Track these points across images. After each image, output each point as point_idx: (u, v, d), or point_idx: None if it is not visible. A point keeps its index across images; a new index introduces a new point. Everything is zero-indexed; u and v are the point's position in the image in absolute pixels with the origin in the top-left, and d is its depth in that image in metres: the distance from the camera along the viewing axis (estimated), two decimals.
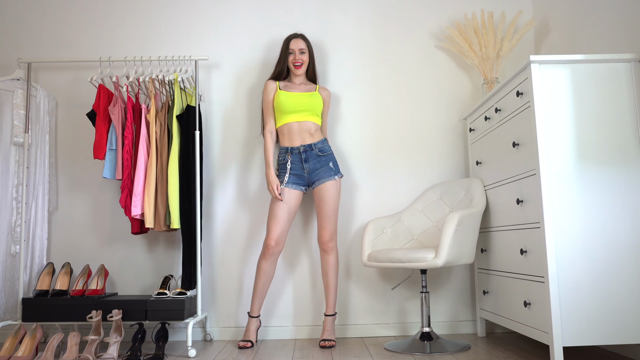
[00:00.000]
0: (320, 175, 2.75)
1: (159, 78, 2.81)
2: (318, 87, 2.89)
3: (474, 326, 2.95)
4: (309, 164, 2.75)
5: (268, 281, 2.74)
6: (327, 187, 2.73)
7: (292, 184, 2.74)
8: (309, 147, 2.76)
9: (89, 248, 3.04)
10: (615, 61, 2.11)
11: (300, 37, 2.86)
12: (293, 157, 2.76)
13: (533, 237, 2.13)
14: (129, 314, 2.59)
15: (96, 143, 2.74)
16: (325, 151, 2.78)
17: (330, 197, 2.73)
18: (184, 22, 3.20)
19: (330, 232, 2.73)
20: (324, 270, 2.75)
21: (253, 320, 2.75)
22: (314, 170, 2.75)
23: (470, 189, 2.75)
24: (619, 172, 2.06)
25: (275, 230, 2.69)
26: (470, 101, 3.12)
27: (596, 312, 1.99)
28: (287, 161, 2.76)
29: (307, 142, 2.77)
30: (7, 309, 2.82)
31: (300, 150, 2.76)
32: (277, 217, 2.70)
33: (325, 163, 2.76)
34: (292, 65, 2.83)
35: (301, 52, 2.84)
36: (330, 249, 2.73)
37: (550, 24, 2.95)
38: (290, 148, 2.77)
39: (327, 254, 2.74)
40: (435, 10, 3.19)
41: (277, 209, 2.70)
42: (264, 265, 2.71)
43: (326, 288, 2.75)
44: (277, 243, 2.69)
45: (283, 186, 2.72)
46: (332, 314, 2.75)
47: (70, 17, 3.21)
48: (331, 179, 2.74)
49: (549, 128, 2.08)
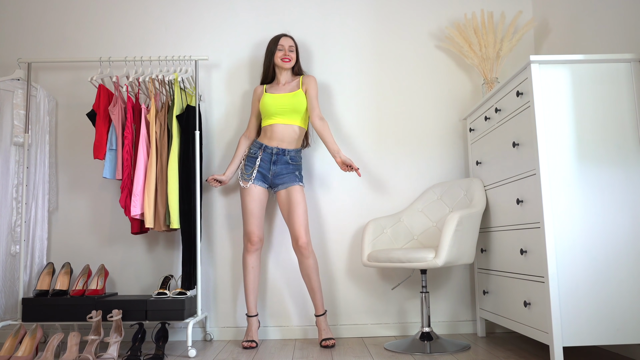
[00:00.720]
0: (284, 180, 2.76)
1: (159, 78, 2.81)
2: (302, 78, 2.86)
3: (474, 326, 2.96)
4: (277, 167, 2.76)
5: (258, 276, 2.77)
6: (295, 190, 2.73)
7: (258, 180, 2.77)
8: (282, 152, 2.77)
9: (89, 248, 3.04)
10: (615, 61, 2.11)
11: (289, 36, 2.90)
12: (264, 155, 2.77)
13: (533, 237, 2.13)
14: (129, 314, 2.60)
15: (96, 143, 2.74)
16: (296, 161, 2.80)
17: (299, 199, 2.72)
18: (184, 22, 3.20)
19: (304, 234, 2.69)
20: (306, 274, 2.71)
21: (253, 319, 2.76)
22: (279, 174, 2.76)
23: (470, 189, 2.75)
24: (619, 172, 2.06)
25: (253, 224, 2.73)
26: (470, 101, 3.12)
27: (596, 312, 1.99)
28: (258, 156, 2.77)
29: (283, 146, 2.78)
30: (7, 309, 2.82)
31: (272, 152, 2.77)
32: (253, 213, 2.73)
33: (292, 171, 2.78)
34: (280, 60, 2.84)
35: (290, 49, 2.87)
36: (309, 253, 2.69)
37: (550, 24, 2.95)
38: (264, 145, 2.78)
39: (306, 257, 2.69)
40: (435, 10, 3.19)
41: (250, 204, 2.74)
42: (251, 260, 2.74)
43: (311, 291, 2.72)
44: (259, 238, 2.74)
45: (251, 182, 2.75)
46: (323, 313, 2.74)
47: (70, 17, 3.21)
48: (297, 184, 2.75)
49: (549, 128, 2.08)
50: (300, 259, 2.72)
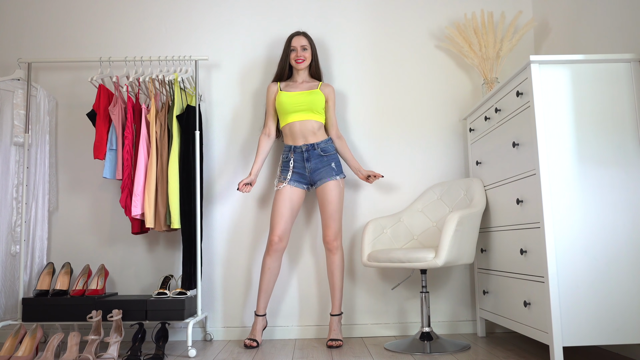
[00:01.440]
0: (322, 175, 2.75)
1: (159, 78, 2.81)
2: (321, 84, 2.88)
3: (474, 326, 2.96)
4: (311, 163, 2.76)
5: (273, 278, 2.75)
6: (330, 186, 2.74)
7: (294, 181, 2.76)
8: (311, 147, 2.77)
9: (89, 248, 3.04)
10: (615, 61, 2.11)
11: (302, 35, 2.87)
12: (295, 156, 2.78)
13: (533, 237, 2.13)
14: (129, 314, 2.60)
15: (96, 143, 2.74)
16: (328, 151, 2.79)
17: (333, 196, 2.73)
18: (184, 22, 3.20)
19: (334, 231, 2.73)
20: (330, 270, 2.75)
21: (259, 319, 2.75)
22: (315, 169, 2.76)
23: (470, 189, 2.75)
24: (619, 172, 2.06)
25: (279, 226, 2.70)
26: (470, 101, 3.12)
27: (596, 312, 1.99)
28: (290, 159, 2.78)
29: (310, 141, 2.78)
30: (7, 309, 2.82)
31: (303, 150, 2.77)
32: (280, 213, 2.71)
33: (328, 163, 2.77)
34: (294, 62, 2.84)
35: (303, 48, 2.84)
36: (335, 249, 2.74)
37: (550, 24, 2.95)
38: (293, 147, 2.79)
39: (332, 253, 2.74)
40: (435, 10, 3.19)
41: (280, 205, 2.72)
42: (269, 261, 2.72)
43: (332, 288, 2.74)
44: (280, 239, 2.71)
45: (285, 184, 2.74)
46: (338, 314, 2.74)
47: (70, 17, 3.21)
48: (332, 178, 2.75)
49: (549, 128, 2.08)
50: (327, 254, 2.76)
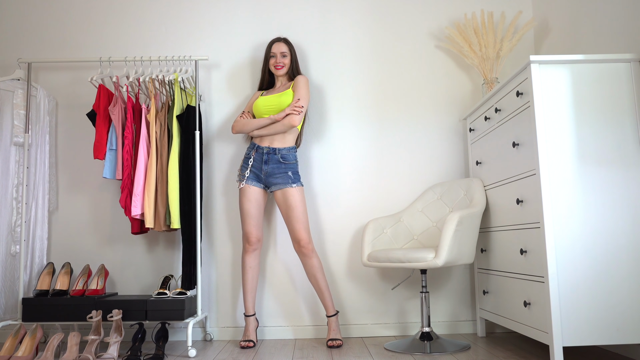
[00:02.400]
0: (277, 181, 2.74)
1: (159, 78, 2.81)
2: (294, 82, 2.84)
3: (474, 326, 2.96)
4: (268, 166, 2.75)
5: (256, 276, 2.77)
6: (290, 192, 2.72)
7: (252, 180, 2.76)
8: (272, 151, 2.76)
9: (89, 248, 3.04)
10: (615, 61, 2.11)
11: (282, 41, 2.89)
12: (256, 155, 2.78)
13: (533, 237, 2.13)
14: (129, 314, 2.60)
15: (96, 143, 2.74)
16: (288, 160, 2.77)
17: (296, 201, 2.71)
18: (184, 22, 3.20)
19: (305, 235, 2.70)
20: (311, 274, 2.72)
21: (250, 319, 2.76)
22: (271, 174, 2.75)
23: (470, 189, 2.75)
24: (618, 172, 2.06)
25: (251, 225, 2.73)
26: (470, 101, 3.12)
27: (596, 312, 1.99)
28: (250, 157, 2.79)
29: (274, 145, 2.77)
30: (7, 309, 2.82)
31: (264, 151, 2.77)
32: (248, 212, 2.73)
33: (284, 170, 2.75)
34: (273, 68, 2.87)
35: (282, 55, 2.87)
36: (310, 252, 2.71)
37: (550, 24, 2.95)
38: (257, 146, 2.79)
39: (309, 257, 2.71)
40: (435, 10, 3.19)
41: (247, 204, 2.74)
42: (249, 260, 2.75)
43: (319, 291, 2.73)
44: (257, 238, 2.74)
45: (244, 182, 2.75)
46: (334, 314, 2.74)
47: (70, 17, 3.21)
48: (289, 186, 2.73)
49: (549, 128, 2.08)
50: (303, 260, 2.73)
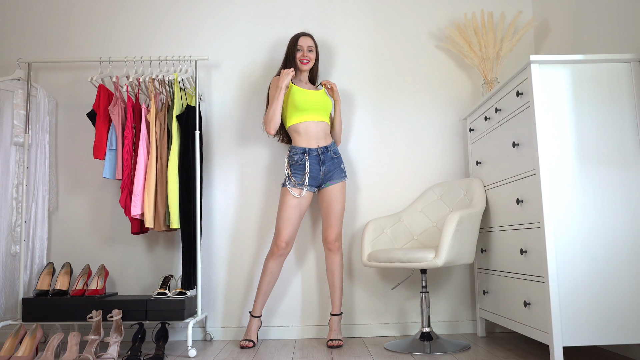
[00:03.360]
0: (333, 177, 2.76)
1: (159, 78, 2.81)
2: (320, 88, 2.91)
3: (474, 326, 2.96)
4: (325, 165, 2.75)
5: (274, 281, 2.75)
6: (338, 187, 2.76)
7: (309, 186, 2.73)
8: (325, 149, 2.77)
9: (89, 248, 3.04)
10: (615, 61, 2.11)
11: (309, 36, 2.87)
12: (311, 159, 2.73)
13: (533, 237, 2.13)
14: (129, 314, 2.60)
15: (96, 143, 2.74)
16: (338, 153, 2.82)
17: (341, 197, 2.76)
18: (184, 22, 3.20)
19: (337, 231, 2.75)
20: (330, 270, 2.75)
21: (255, 320, 2.75)
22: (328, 172, 2.76)
23: (470, 189, 2.75)
24: (618, 172, 2.06)
25: (286, 231, 2.69)
26: (470, 101, 3.12)
27: (596, 312, 1.99)
28: (305, 162, 2.72)
29: (322, 143, 2.77)
30: (7, 309, 2.82)
31: (319, 152, 2.75)
32: (289, 219, 2.69)
33: (338, 165, 2.79)
34: (299, 62, 2.83)
35: (309, 49, 2.85)
36: (336, 249, 2.75)
37: (550, 24, 2.95)
38: (308, 149, 2.74)
39: (334, 253, 2.74)
40: (435, 10, 3.19)
41: (290, 210, 2.69)
42: (272, 265, 2.72)
43: (332, 288, 2.75)
44: (287, 244, 2.70)
45: (306, 189, 2.70)
46: (339, 314, 2.75)
47: (70, 17, 3.21)
48: (342, 180, 2.77)
49: (549, 128, 2.08)
50: (327, 254, 2.76)
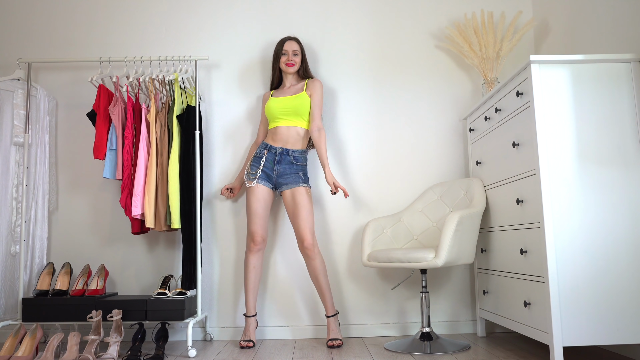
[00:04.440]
0: (288, 180, 2.76)
1: (159, 78, 2.81)
2: (307, 82, 2.88)
3: (474, 326, 2.96)
4: (280, 166, 2.77)
5: (259, 276, 2.77)
6: (299, 191, 2.74)
7: (262, 180, 2.77)
8: (286, 152, 2.78)
9: (89, 248, 3.04)
10: (615, 61, 2.11)
11: (293, 39, 2.90)
12: (268, 155, 2.79)
13: (533, 237, 2.13)
14: (129, 314, 2.60)
15: (96, 143, 2.74)
16: (300, 161, 2.80)
17: (304, 200, 2.73)
18: (184, 22, 3.20)
19: (310, 236, 2.70)
20: (313, 276, 2.72)
21: (251, 319, 2.76)
22: (282, 174, 2.77)
23: (470, 189, 2.75)
24: (618, 172, 2.06)
25: (257, 224, 2.73)
26: (470, 101, 3.12)
27: (596, 312, 1.99)
28: (263, 156, 2.79)
29: (287, 146, 2.80)
30: (7, 309, 2.82)
31: (277, 152, 2.78)
32: (256, 213, 2.74)
33: (296, 171, 2.78)
34: (284, 65, 2.87)
35: (294, 53, 2.88)
36: (315, 254, 2.70)
37: (550, 24, 2.95)
38: (269, 146, 2.80)
39: (312, 259, 2.70)
40: (435, 10, 3.19)
41: (255, 204, 2.74)
42: (253, 260, 2.75)
43: (320, 292, 2.73)
44: (262, 238, 2.74)
45: (255, 181, 2.76)
46: (334, 314, 2.74)
47: (70, 17, 3.21)
48: (300, 185, 2.75)
49: (549, 128, 2.08)
50: (306, 260, 2.73)
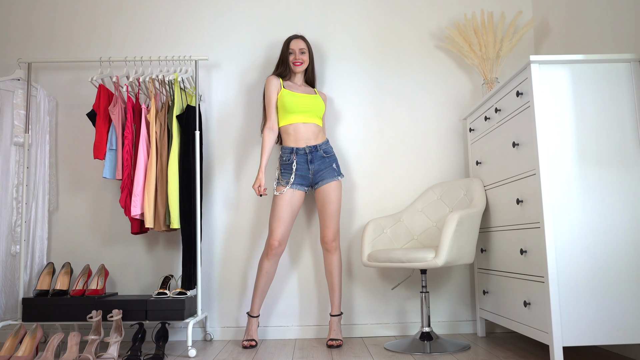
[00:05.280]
0: (324, 176, 2.76)
1: (159, 78, 2.81)
2: (316, 91, 2.92)
3: (474, 326, 2.96)
4: (314, 165, 2.76)
5: (270, 281, 2.75)
6: (332, 187, 2.75)
7: (297, 184, 2.74)
8: (314, 148, 2.77)
9: (89, 248, 3.04)
10: (615, 61, 2.11)
11: (300, 38, 2.88)
12: (298, 158, 2.76)
13: (533, 237, 2.13)
14: (129, 314, 2.60)
15: (96, 143, 2.74)
16: (329, 152, 2.81)
17: (335, 196, 2.75)
18: (184, 22, 3.20)
19: (334, 231, 2.74)
20: (329, 270, 2.75)
21: (254, 320, 2.76)
22: (318, 171, 2.76)
23: (470, 189, 2.75)
24: (619, 172, 2.06)
25: (278, 230, 2.69)
26: (470, 101, 3.12)
27: (596, 312, 1.99)
28: (293, 161, 2.75)
29: (312, 143, 2.78)
30: (8, 308, 2.82)
31: (306, 151, 2.76)
32: (281, 218, 2.70)
33: (329, 164, 2.78)
34: (292, 64, 2.85)
35: (301, 52, 2.86)
36: (334, 249, 2.74)
37: (550, 24, 2.95)
38: (295, 149, 2.77)
39: (331, 254, 2.74)
40: (435, 10, 3.19)
41: (281, 209, 2.70)
42: (267, 265, 2.72)
43: (331, 288, 2.75)
44: (280, 243, 2.70)
45: (289, 187, 2.72)
46: (338, 314, 2.74)
47: (70, 17, 3.21)
48: (335, 179, 2.76)
49: (549, 128, 2.08)
50: (325, 255, 2.76)
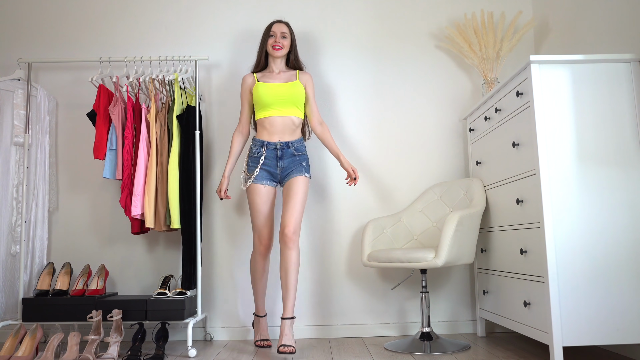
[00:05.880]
0: (292, 172, 2.65)
1: (159, 78, 2.81)
2: (299, 73, 2.76)
3: (474, 326, 2.96)
4: (283, 162, 2.66)
5: (266, 277, 2.75)
6: (299, 179, 2.62)
7: (265, 179, 2.65)
8: (286, 145, 2.66)
9: (89, 248, 3.04)
10: (615, 61, 2.11)
11: (283, 22, 2.76)
12: (268, 152, 2.65)
13: (533, 237, 2.13)
14: (129, 314, 2.60)
15: (96, 143, 2.74)
16: (301, 151, 2.69)
17: (300, 187, 2.59)
18: (184, 22, 3.20)
19: (295, 224, 2.53)
20: (284, 268, 2.50)
21: (263, 319, 2.75)
22: (287, 168, 2.66)
23: (470, 189, 2.75)
24: (618, 172, 2.06)
25: (264, 226, 2.66)
26: (470, 101, 3.12)
27: (596, 312, 1.99)
28: (261, 155, 2.66)
29: (285, 139, 2.67)
30: (8, 308, 2.82)
31: (277, 147, 2.66)
32: (261, 212, 2.64)
33: (299, 162, 2.67)
34: (271, 48, 2.70)
35: (282, 35, 2.72)
36: (293, 243, 2.51)
37: (550, 24, 2.95)
38: (267, 142, 2.66)
39: (290, 248, 2.51)
40: (435, 10, 3.19)
41: (260, 205, 2.64)
42: (260, 261, 2.69)
43: (285, 287, 2.50)
44: (269, 237, 2.68)
45: (252, 180, 2.63)
46: (291, 317, 2.49)
47: (70, 17, 3.21)
48: (302, 174, 2.64)
49: (549, 128, 2.08)
50: (283, 250, 2.52)
